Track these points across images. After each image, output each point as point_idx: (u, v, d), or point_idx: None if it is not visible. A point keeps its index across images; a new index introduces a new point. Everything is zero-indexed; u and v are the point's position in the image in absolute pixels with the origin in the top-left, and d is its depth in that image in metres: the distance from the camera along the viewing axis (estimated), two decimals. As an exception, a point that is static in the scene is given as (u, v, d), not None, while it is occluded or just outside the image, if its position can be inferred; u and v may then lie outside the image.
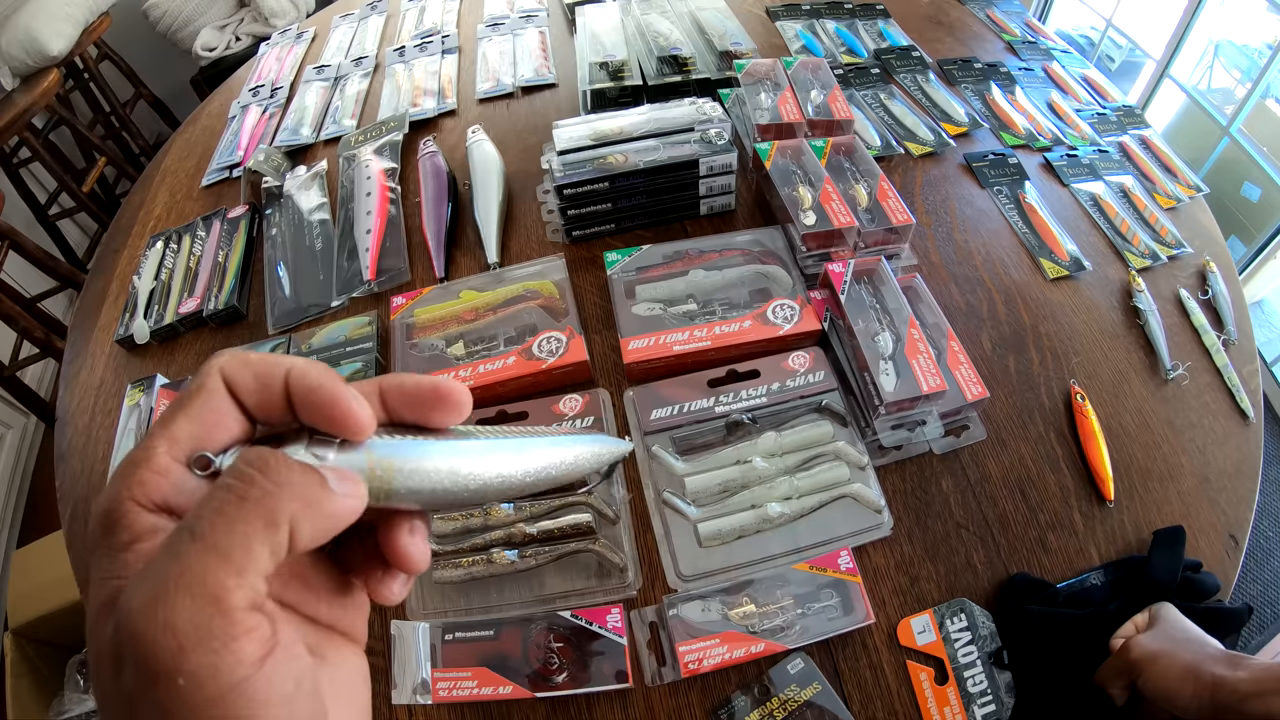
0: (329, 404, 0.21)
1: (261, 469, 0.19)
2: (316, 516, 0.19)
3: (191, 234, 0.91)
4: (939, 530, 0.58)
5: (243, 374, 0.21)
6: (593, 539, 0.57)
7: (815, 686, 0.51)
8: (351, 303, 0.79)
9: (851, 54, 1.05)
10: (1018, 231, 0.80)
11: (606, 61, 0.91)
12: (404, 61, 1.14)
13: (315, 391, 0.21)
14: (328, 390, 0.21)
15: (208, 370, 0.21)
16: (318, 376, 0.21)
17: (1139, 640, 0.47)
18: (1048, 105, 0.98)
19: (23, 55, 1.72)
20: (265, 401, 0.21)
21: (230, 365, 0.21)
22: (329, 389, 0.21)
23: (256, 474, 0.18)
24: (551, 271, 0.75)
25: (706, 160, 0.74)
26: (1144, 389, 0.67)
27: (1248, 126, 1.68)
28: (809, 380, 0.64)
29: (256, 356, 0.22)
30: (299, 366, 0.21)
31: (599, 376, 0.68)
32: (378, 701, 0.52)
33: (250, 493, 0.18)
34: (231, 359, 0.21)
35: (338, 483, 0.20)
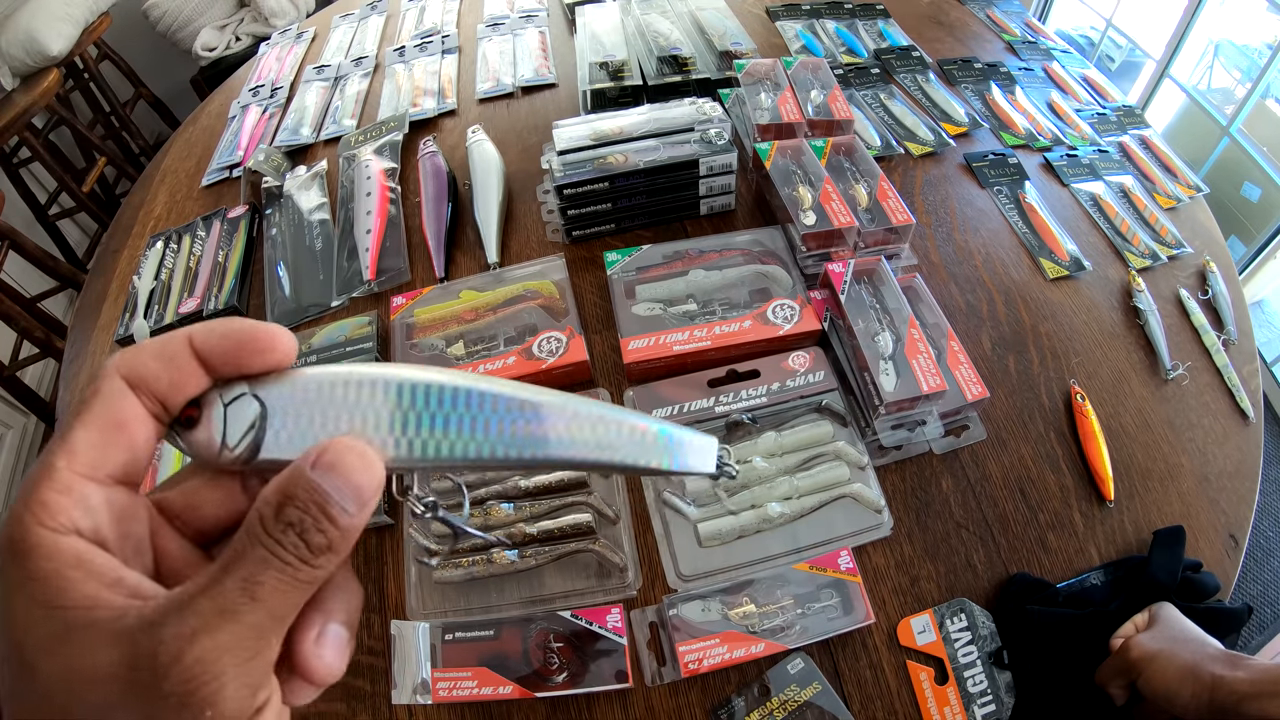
0: (250, 337, 0.21)
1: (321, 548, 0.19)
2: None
3: (191, 234, 0.91)
4: (939, 530, 0.58)
5: (142, 362, 0.20)
6: (593, 539, 0.57)
7: (815, 686, 0.51)
8: (351, 303, 0.79)
9: (851, 54, 1.05)
10: (1018, 231, 0.80)
11: (606, 61, 0.91)
12: (404, 61, 1.14)
13: (230, 335, 0.21)
14: (244, 328, 0.21)
15: (103, 373, 0.20)
16: (224, 325, 0.21)
17: (1139, 640, 0.47)
18: (1048, 105, 0.98)
19: (23, 55, 1.72)
20: (178, 379, 0.21)
21: (125, 360, 0.20)
22: (243, 327, 0.21)
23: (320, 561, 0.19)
24: (551, 271, 0.75)
25: (706, 160, 0.74)
26: (1144, 389, 0.67)
27: (1248, 126, 1.68)
28: (809, 380, 0.64)
29: (149, 342, 0.21)
30: (198, 328, 0.21)
31: (599, 376, 0.68)
32: (378, 701, 0.53)
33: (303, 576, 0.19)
34: (124, 354, 0.20)
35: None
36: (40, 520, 0.17)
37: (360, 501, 0.19)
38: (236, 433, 0.21)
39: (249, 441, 0.21)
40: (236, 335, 0.21)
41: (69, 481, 0.18)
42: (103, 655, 0.17)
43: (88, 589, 0.17)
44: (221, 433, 0.21)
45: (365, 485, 0.20)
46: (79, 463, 0.18)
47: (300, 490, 0.19)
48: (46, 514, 0.17)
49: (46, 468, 0.18)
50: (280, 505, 0.19)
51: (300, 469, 0.19)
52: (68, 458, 0.18)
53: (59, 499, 0.18)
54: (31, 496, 0.18)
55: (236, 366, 0.21)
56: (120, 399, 0.19)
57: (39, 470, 0.18)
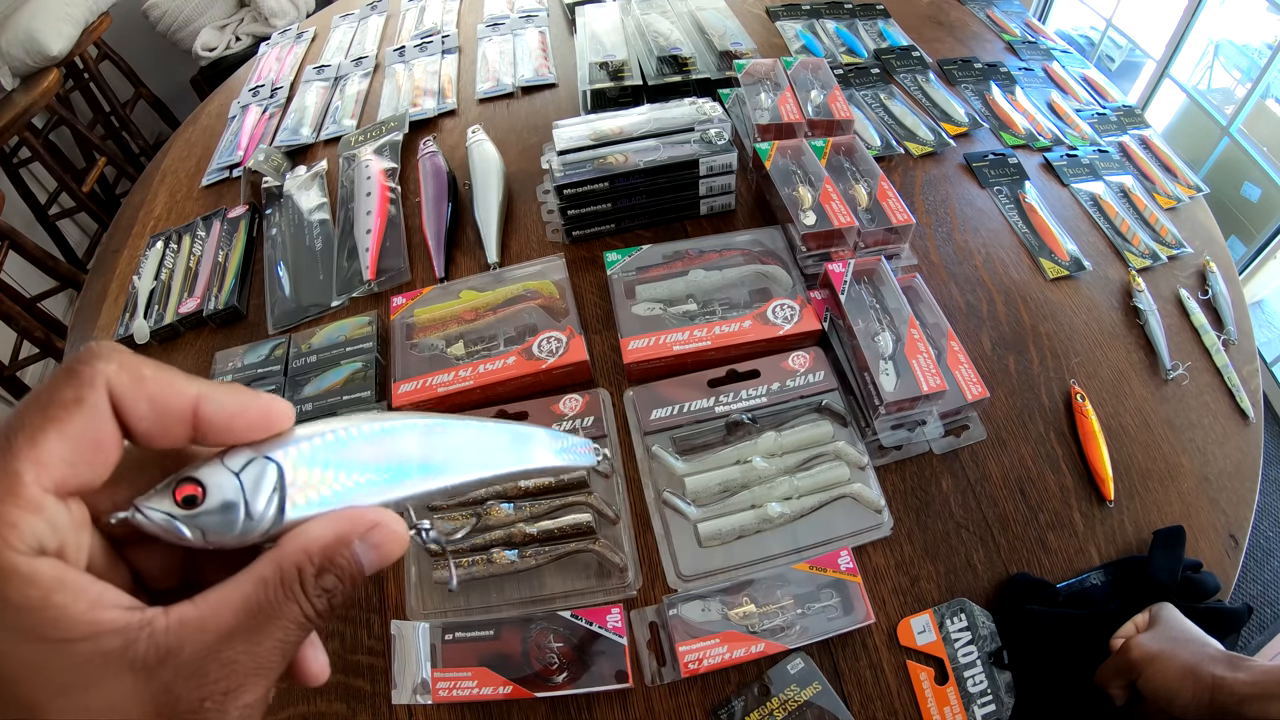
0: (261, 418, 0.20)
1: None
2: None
3: (191, 234, 0.91)
4: (939, 530, 0.58)
5: (136, 399, 0.18)
6: (593, 539, 0.57)
7: (815, 686, 0.51)
8: (351, 302, 0.79)
9: (851, 54, 1.05)
10: (1018, 231, 0.80)
11: (606, 61, 0.91)
12: (404, 61, 1.14)
13: (242, 414, 0.20)
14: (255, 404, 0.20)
15: (86, 376, 0.17)
16: (234, 399, 0.20)
17: (1139, 640, 0.47)
18: (1048, 105, 0.98)
19: (23, 55, 1.72)
20: (158, 430, 0.19)
21: (121, 382, 0.18)
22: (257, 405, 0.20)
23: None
24: (551, 271, 0.75)
25: (706, 160, 0.74)
26: (1144, 389, 0.67)
27: (1248, 126, 1.68)
28: (809, 380, 0.64)
29: (154, 375, 0.18)
30: (214, 396, 0.19)
31: (599, 376, 0.68)
32: (378, 701, 0.53)
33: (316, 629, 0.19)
34: (121, 371, 0.18)
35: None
36: (9, 543, 0.15)
37: (381, 569, 0.21)
38: (260, 501, 0.20)
39: (275, 509, 0.20)
40: (245, 408, 0.20)
41: (37, 499, 0.16)
42: (124, 694, 0.16)
43: (85, 616, 0.16)
44: (243, 504, 0.19)
45: (392, 560, 0.21)
46: (48, 477, 0.16)
47: (344, 560, 0.19)
48: (16, 535, 0.16)
49: (11, 479, 0.16)
50: (322, 569, 0.19)
51: (349, 539, 0.19)
52: (36, 470, 0.16)
53: (28, 519, 0.16)
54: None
55: (231, 437, 0.20)
56: (103, 417, 0.17)
57: (3, 482, 0.16)
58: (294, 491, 0.20)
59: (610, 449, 0.62)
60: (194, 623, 0.17)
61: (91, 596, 0.17)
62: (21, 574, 0.15)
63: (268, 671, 0.18)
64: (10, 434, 0.16)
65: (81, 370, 0.17)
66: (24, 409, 0.17)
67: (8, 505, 0.16)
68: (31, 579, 0.16)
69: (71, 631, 0.16)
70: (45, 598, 0.16)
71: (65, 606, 0.16)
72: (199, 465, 0.20)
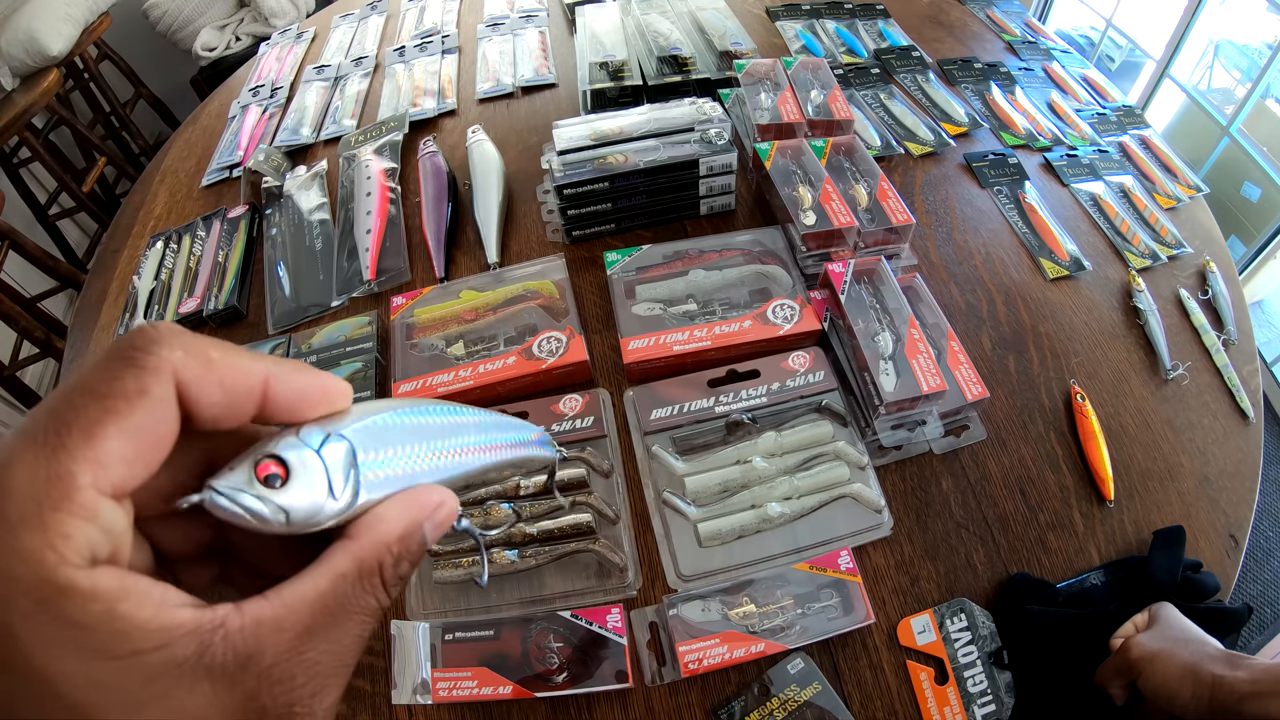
0: (322, 398, 0.20)
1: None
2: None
3: (191, 234, 0.91)
4: (939, 530, 0.58)
5: (207, 387, 0.17)
6: (593, 539, 0.57)
7: (815, 686, 0.51)
8: (351, 302, 0.79)
9: (851, 54, 1.05)
10: (1018, 231, 0.80)
11: (606, 61, 0.91)
12: (404, 61, 1.14)
13: (307, 394, 0.19)
14: (320, 381, 0.20)
15: (151, 365, 0.16)
16: (301, 376, 0.19)
17: (1138, 640, 0.47)
18: (1048, 105, 0.98)
19: (23, 55, 1.72)
20: (227, 415, 0.17)
21: (189, 370, 0.16)
22: (320, 384, 0.20)
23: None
24: (551, 271, 0.75)
25: (706, 160, 0.74)
26: (1144, 389, 0.67)
27: (1248, 126, 1.68)
28: (809, 380, 0.64)
29: (222, 358, 0.17)
30: (282, 375, 0.18)
31: (599, 376, 0.68)
32: (378, 701, 0.53)
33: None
34: (188, 357, 0.16)
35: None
36: (64, 557, 0.14)
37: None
38: (340, 480, 0.19)
39: (352, 489, 0.19)
40: (309, 387, 0.19)
41: (92, 504, 0.14)
42: (204, 704, 0.15)
43: (151, 624, 0.15)
44: (328, 483, 0.18)
45: (444, 532, 0.21)
46: (106, 479, 0.15)
47: (417, 544, 0.19)
48: (71, 548, 0.14)
49: (64, 482, 0.14)
50: (400, 558, 0.19)
51: (420, 523, 0.19)
52: (94, 471, 0.14)
53: (83, 527, 0.14)
54: (49, 524, 0.14)
55: (295, 417, 0.19)
56: (169, 412, 0.16)
57: (52, 482, 0.14)
58: (365, 471, 0.19)
59: (610, 449, 0.62)
60: (271, 623, 0.16)
61: (156, 599, 0.15)
62: (82, 589, 0.14)
63: (347, 668, 0.18)
64: (62, 428, 0.14)
65: (145, 359, 0.16)
66: (76, 398, 0.15)
67: (62, 514, 0.14)
68: (94, 593, 0.14)
69: (142, 643, 0.14)
70: (110, 610, 0.14)
71: (131, 616, 0.14)
72: (274, 441, 0.18)
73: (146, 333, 0.16)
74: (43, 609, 0.14)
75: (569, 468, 0.60)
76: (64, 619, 0.14)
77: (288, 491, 0.18)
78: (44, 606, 0.14)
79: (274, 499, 0.17)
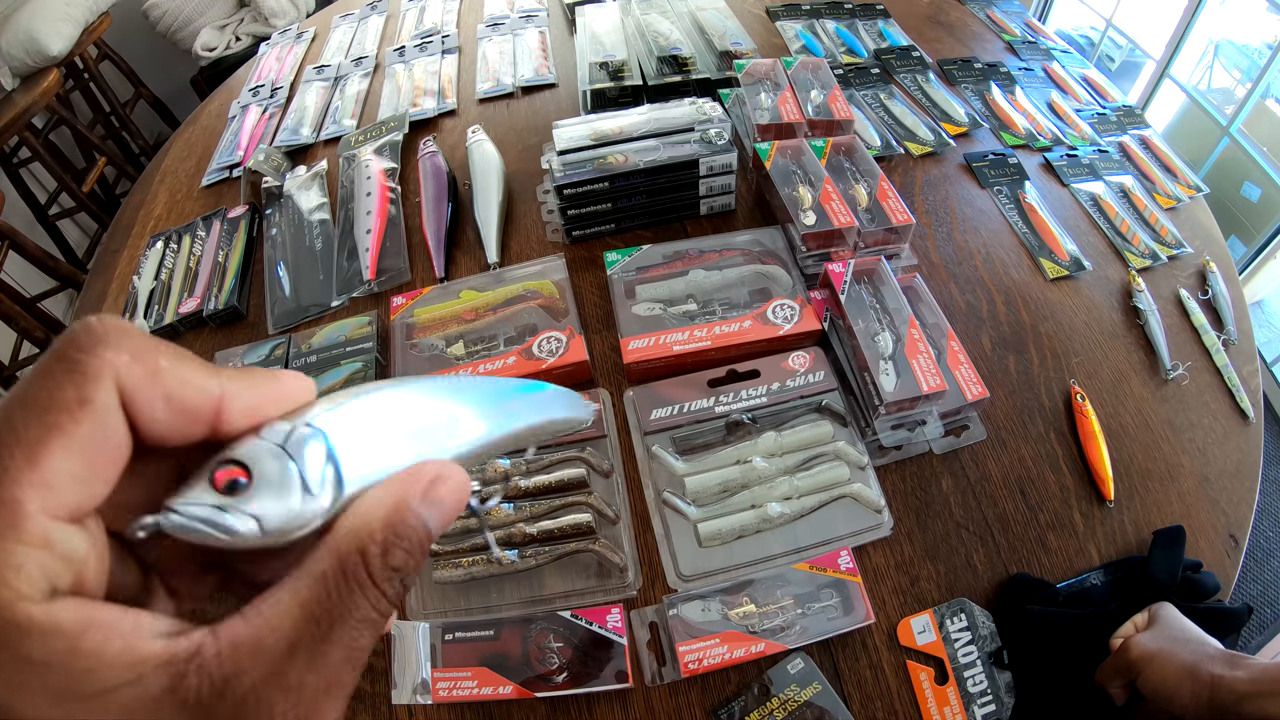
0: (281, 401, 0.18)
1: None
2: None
3: (191, 234, 0.91)
4: (939, 530, 0.58)
5: (150, 399, 0.15)
6: (593, 539, 0.57)
7: (815, 686, 0.51)
8: (351, 303, 0.79)
9: (851, 54, 1.05)
10: (1018, 231, 0.80)
11: (606, 61, 0.91)
12: (404, 61, 1.14)
13: (263, 408, 0.17)
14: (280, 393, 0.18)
15: (92, 370, 0.14)
16: (259, 393, 0.17)
17: (1138, 640, 0.47)
18: (1048, 105, 0.98)
19: (23, 55, 1.72)
20: (173, 433, 0.16)
21: (133, 377, 0.15)
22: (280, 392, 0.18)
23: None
24: (551, 271, 0.75)
25: (706, 160, 0.74)
26: (1144, 389, 0.67)
27: (1248, 126, 1.68)
28: (809, 380, 0.64)
29: (171, 368, 0.15)
30: (237, 391, 0.17)
31: (599, 376, 0.68)
32: (378, 701, 0.53)
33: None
34: (134, 363, 0.15)
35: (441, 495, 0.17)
36: (18, 592, 0.13)
37: (444, 529, 0.17)
38: (315, 472, 0.16)
39: (333, 480, 0.17)
40: (265, 402, 0.18)
41: (44, 530, 0.13)
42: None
43: (120, 660, 0.13)
44: (299, 478, 0.16)
45: (456, 515, 0.18)
46: (57, 501, 0.14)
47: (409, 528, 0.16)
48: (24, 580, 0.13)
49: (10, 510, 0.13)
50: (388, 546, 0.16)
51: (408, 502, 0.16)
52: (42, 494, 0.13)
53: (35, 556, 0.13)
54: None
55: (256, 420, 0.17)
56: (115, 421, 0.14)
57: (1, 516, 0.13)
58: (346, 460, 0.17)
59: (610, 449, 0.62)
60: (249, 644, 0.15)
61: (125, 629, 0.14)
62: (39, 626, 0.13)
63: (341, 687, 0.15)
64: (2, 450, 0.13)
65: (86, 362, 0.14)
66: (15, 415, 0.14)
67: (9, 543, 0.13)
68: (54, 629, 0.13)
69: (111, 680, 0.13)
70: (73, 647, 0.13)
71: (97, 652, 0.13)
72: (232, 446, 0.17)
73: (91, 330, 0.14)
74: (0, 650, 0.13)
75: (569, 468, 0.60)
76: (23, 659, 0.13)
77: (254, 497, 0.16)
78: (1, 647, 0.13)
79: (241, 508, 0.16)
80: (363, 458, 0.18)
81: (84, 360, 0.14)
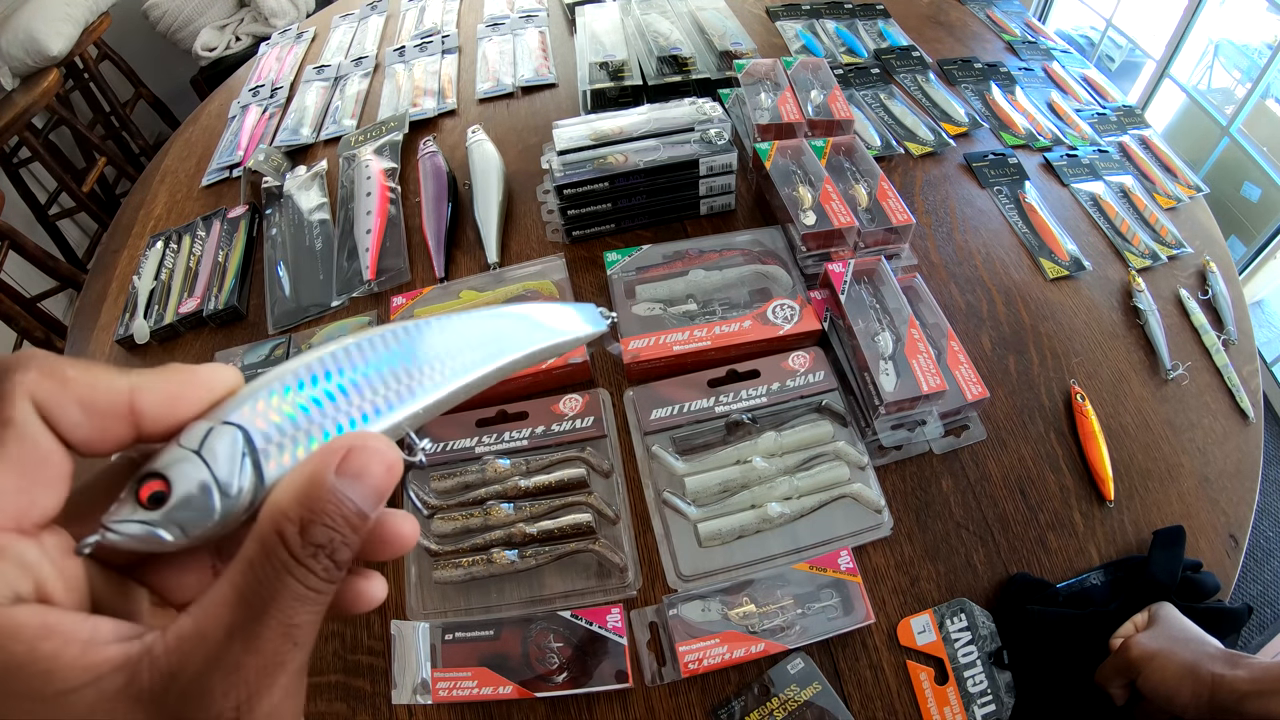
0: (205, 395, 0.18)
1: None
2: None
3: (191, 234, 0.91)
4: (939, 530, 0.58)
5: (63, 405, 0.16)
6: (593, 539, 0.57)
7: (815, 686, 0.51)
8: (351, 302, 0.79)
9: (851, 54, 1.05)
10: (1018, 231, 0.80)
11: (606, 61, 0.91)
12: (404, 61, 1.14)
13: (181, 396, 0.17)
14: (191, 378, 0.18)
15: (4, 392, 0.15)
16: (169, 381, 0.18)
17: (1138, 640, 0.47)
18: (1048, 105, 0.98)
19: (23, 55, 1.72)
20: (96, 435, 0.17)
21: (43, 390, 0.16)
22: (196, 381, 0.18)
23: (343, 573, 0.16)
24: (551, 271, 0.75)
25: (706, 160, 0.74)
26: (1144, 389, 0.67)
27: (1248, 126, 1.68)
28: (809, 380, 0.64)
29: (79, 376, 0.16)
30: (148, 385, 0.17)
31: (599, 376, 0.68)
32: (378, 701, 0.53)
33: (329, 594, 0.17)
34: (42, 378, 0.16)
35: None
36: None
37: (380, 501, 0.17)
38: (231, 473, 0.17)
39: (251, 476, 0.17)
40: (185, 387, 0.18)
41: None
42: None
43: (79, 661, 0.14)
44: (214, 482, 0.17)
45: (387, 485, 0.17)
46: (2, 515, 0.15)
47: (327, 504, 0.16)
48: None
49: None
50: (305, 524, 0.16)
51: (321, 477, 0.16)
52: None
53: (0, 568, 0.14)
54: None
55: (179, 424, 0.18)
56: (37, 433, 0.15)
57: None
58: (269, 451, 0.18)
59: (610, 449, 0.62)
60: (192, 635, 0.15)
61: (84, 636, 0.15)
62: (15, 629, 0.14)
63: (281, 665, 0.16)
64: None
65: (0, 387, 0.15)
66: None
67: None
68: (12, 632, 0.14)
69: (68, 681, 0.14)
70: (31, 650, 0.14)
71: (56, 655, 0.14)
72: (154, 457, 0.17)
73: (1, 363, 0.16)
74: None
75: (569, 468, 0.60)
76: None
77: (176, 506, 0.16)
78: None
79: (165, 518, 0.16)
80: (290, 445, 0.18)
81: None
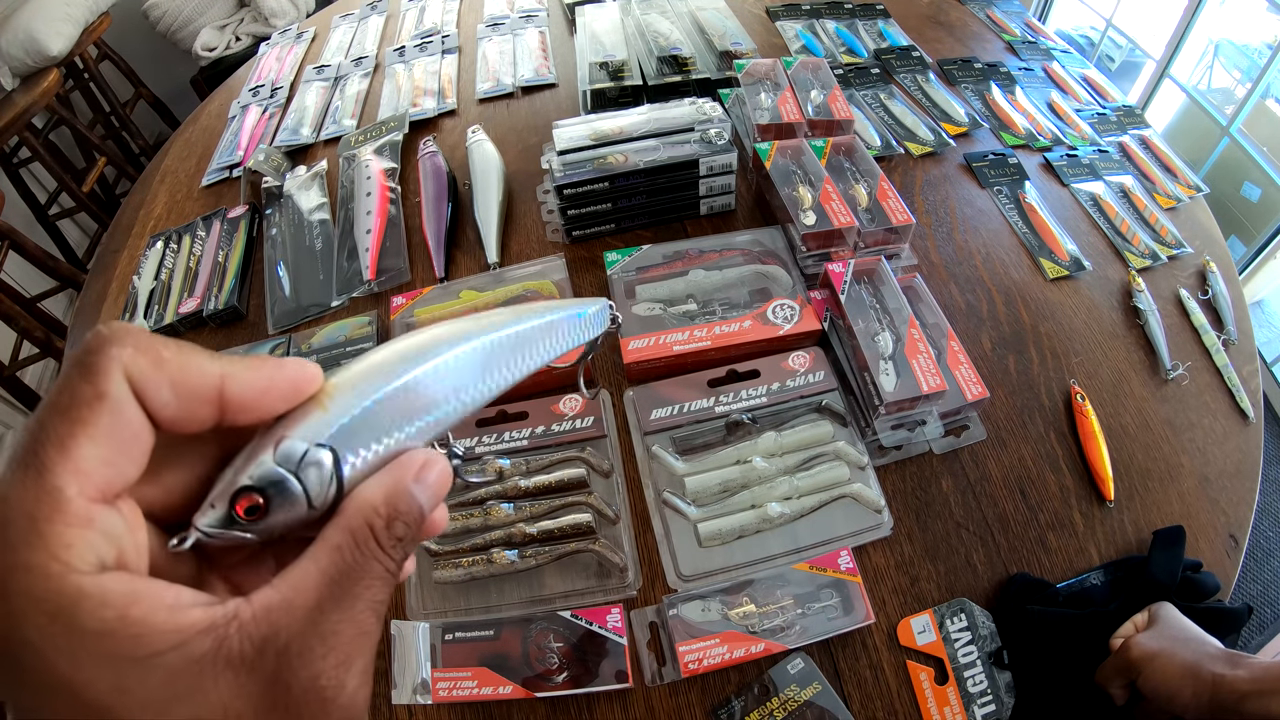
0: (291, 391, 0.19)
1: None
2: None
3: (191, 234, 0.91)
4: (939, 530, 0.58)
5: (157, 385, 0.16)
6: (593, 539, 0.57)
7: (815, 686, 0.51)
8: (351, 303, 0.79)
9: (851, 54, 1.05)
10: (1018, 231, 0.80)
11: (606, 61, 0.91)
12: (404, 61, 1.14)
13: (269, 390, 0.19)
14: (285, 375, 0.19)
15: (102, 366, 0.16)
16: (263, 374, 0.19)
17: (1138, 640, 0.47)
18: (1048, 105, 0.98)
19: (23, 55, 1.72)
20: (184, 416, 0.17)
21: (139, 367, 0.16)
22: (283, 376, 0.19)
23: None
24: (551, 271, 0.75)
25: (706, 160, 0.74)
26: (1144, 389, 0.67)
27: (1248, 126, 1.68)
28: (809, 380, 0.64)
29: (174, 357, 0.17)
30: (238, 375, 0.18)
31: (599, 376, 0.68)
32: (378, 701, 0.53)
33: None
34: (137, 354, 0.16)
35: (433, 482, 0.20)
36: (70, 565, 0.14)
37: (439, 503, 0.21)
38: (320, 492, 0.19)
39: (334, 490, 0.20)
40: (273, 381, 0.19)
41: (85, 511, 0.15)
42: (229, 694, 0.16)
43: (167, 624, 0.15)
44: (306, 500, 0.19)
45: (445, 490, 0.21)
46: (91, 485, 0.15)
47: (406, 505, 0.20)
48: (74, 555, 0.14)
49: (53, 496, 0.15)
50: (390, 520, 0.19)
51: (404, 484, 0.20)
52: (77, 480, 0.15)
53: (82, 535, 0.15)
54: (49, 538, 0.14)
55: (261, 414, 0.19)
56: (129, 408, 0.16)
57: (41, 499, 0.14)
58: (348, 462, 0.20)
59: (610, 449, 0.62)
60: (280, 606, 0.17)
61: (169, 602, 0.16)
62: (91, 596, 0.14)
63: (369, 634, 0.18)
64: (38, 448, 0.15)
65: (95, 361, 0.16)
66: (44, 417, 0.16)
67: (57, 525, 0.14)
68: (103, 599, 0.15)
69: (158, 644, 0.15)
70: (122, 615, 0.15)
71: (145, 620, 0.15)
72: (251, 465, 0.19)
73: (99, 334, 0.16)
74: (57, 620, 0.14)
75: (569, 468, 0.60)
76: (79, 628, 0.14)
77: (268, 516, 0.19)
78: (58, 617, 0.14)
79: (256, 527, 0.19)
80: (364, 458, 0.20)
81: (95, 359, 0.16)
